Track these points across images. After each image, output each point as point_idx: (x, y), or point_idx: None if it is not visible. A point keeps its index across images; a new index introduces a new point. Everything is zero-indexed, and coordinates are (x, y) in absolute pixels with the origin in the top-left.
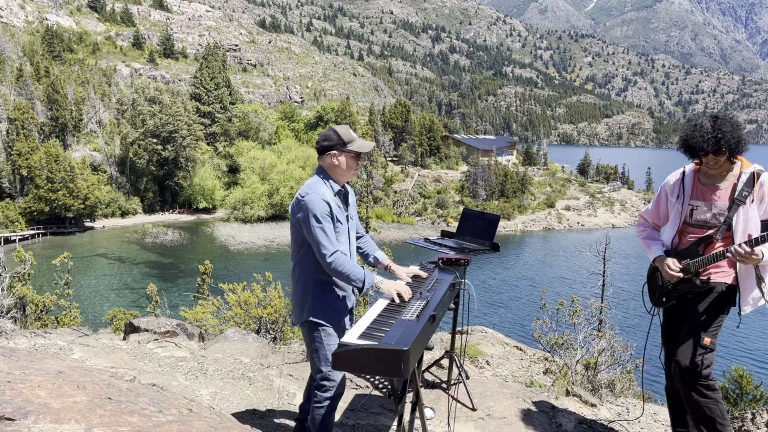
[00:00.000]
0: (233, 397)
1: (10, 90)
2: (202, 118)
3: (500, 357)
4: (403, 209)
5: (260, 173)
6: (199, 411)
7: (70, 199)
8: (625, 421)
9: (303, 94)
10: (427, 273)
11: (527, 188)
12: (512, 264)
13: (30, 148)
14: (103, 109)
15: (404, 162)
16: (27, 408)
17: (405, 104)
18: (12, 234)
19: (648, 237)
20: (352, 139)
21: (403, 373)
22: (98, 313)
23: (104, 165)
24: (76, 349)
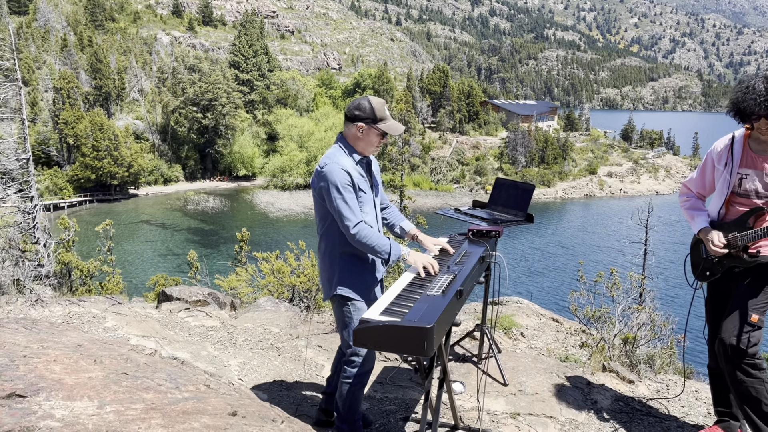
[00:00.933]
0: (261, 367)
1: (56, 59)
2: (241, 86)
3: (535, 329)
4: (440, 177)
5: (298, 141)
6: (217, 387)
7: (114, 166)
8: (665, 399)
9: (340, 61)
10: (456, 245)
11: (568, 154)
12: (551, 232)
13: (75, 117)
14: (144, 78)
15: (442, 128)
16: (39, 384)
17: (443, 69)
18: (61, 201)
19: (692, 207)
20: (384, 117)
21: (426, 351)
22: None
23: (146, 133)
24: (109, 318)
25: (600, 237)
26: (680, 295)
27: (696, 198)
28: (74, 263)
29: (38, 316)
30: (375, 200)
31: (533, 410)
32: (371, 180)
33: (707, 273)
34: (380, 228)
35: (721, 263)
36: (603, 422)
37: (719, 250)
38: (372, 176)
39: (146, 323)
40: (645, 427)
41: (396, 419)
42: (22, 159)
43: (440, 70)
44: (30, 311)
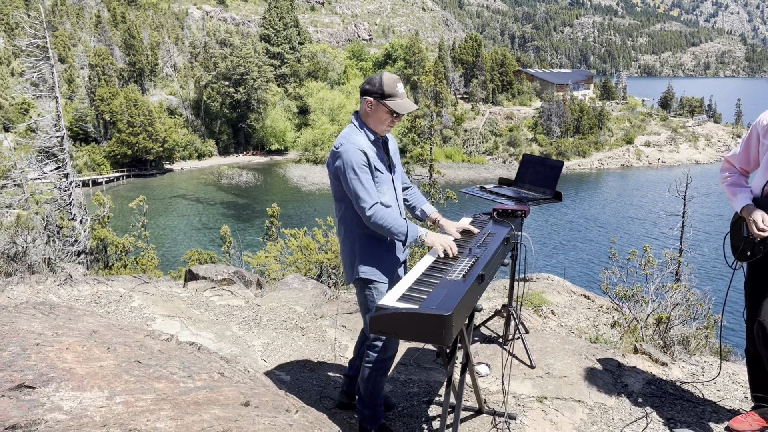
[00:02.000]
0: (285, 348)
1: (90, 36)
2: (272, 60)
3: (566, 306)
4: (473, 148)
5: (329, 114)
6: (231, 375)
7: (149, 142)
8: (699, 383)
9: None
10: (480, 225)
11: (604, 124)
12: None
13: (111, 93)
14: (177, 53)
15: (475, 99)
16: (50, 374)
17: (476, 38)
18: (99, 176)
19: (734, 184)
20: (393, 94)
21: (445, 339)
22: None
23: (180, 108)
24: (136, 297)
25: (636, 209)
26: (719, 269)
27: (739, 174)
28: (110, 239)
29: (67, 295)
30: (394, 180)
31: (561, 394)
32: (389, 159)
33: (748, 253)
34: (401, 208)
35: (763, 243)
36: (633, 406)
37: (762, 234)
38: (390, 156)
39: (172, 303)
40: (678, 412)
41: (419, 402)
42: (56, 136)
43: (472, 39)
44: (59, 290)
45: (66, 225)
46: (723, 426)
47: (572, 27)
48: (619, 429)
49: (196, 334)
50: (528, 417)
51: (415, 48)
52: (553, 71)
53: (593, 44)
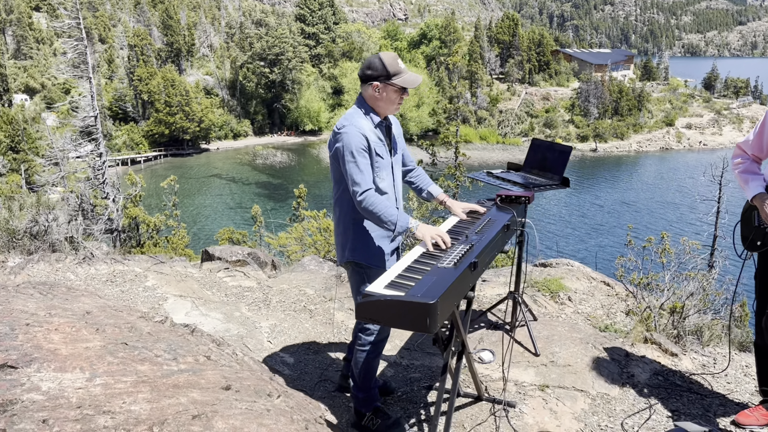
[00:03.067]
0: (291, 330)
1: (130, 17)
2: (307, 40)
3: (584, 293)
4: (508, 129)
5: None
6: (218, 358)
7: (186, 122)
8: (710, 374)
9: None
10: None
11: (644, 105)
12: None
13: (149, 73)
14: (213, 33)
15: (511, 79)
16: (33, 355)
17: (513, 18)
18: (137, 155)
19: (746, 171)
20: (398, 71)
21: (429, 328)
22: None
23: (216, 89)
24: (151, 277)
25: (673, 194)
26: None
27: (751, 161)
28: (141, 217)
29: (84, 274)
30: (394, 165)
31: (563, 383)
32: (390, 144)
33: (758, 243)
34: (398, 193)
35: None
36: (638, 397)
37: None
38: (392, 140)
39: (185, 283)
40: (683, 404)
41: (419, 387)
42: (90, 116)
43: (509, 18)
44: (77, 269)
45: (99, 203)
46: (729, 420)
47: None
48: (620, 420)
49: (205, 315)
50: (528, 405)
51: (450, 27)
52: (591, 51)
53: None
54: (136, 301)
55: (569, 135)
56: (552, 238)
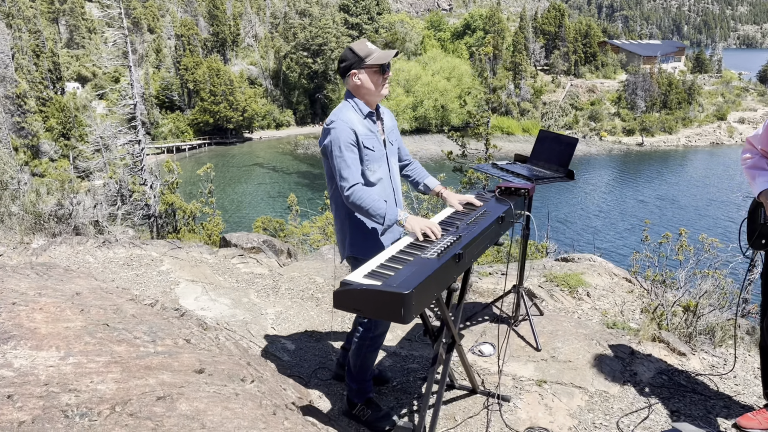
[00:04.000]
0: (296, 317)
1: (177, 7)
2: (350, 30)
3: (604, 289)
4: (552, 122)
5: (405, 85)
6: (198, 342)
7: (230, 111)
8: (717, 375)
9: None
10: (483, 202)
11: (694, 99)
12: (666, 183)
13: (195, 63)
14: (258, 24)
15: (555, 71)
16: (12, 333)
17: (559, 8)
18: (182, 143)
19: (754, 166)
20: (369, 53)
21: (404, 318)
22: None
23: (260, 78)
24: (166, 261)
25: (718, 190)
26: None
27: (760, 156)
28: (178, 204)
29: (102, 257)
30: (389, 157)
31: (562, 378)
32: (384, 135)
33: (762, 241)
34: (395, 184)
35: None
36: (638, 396)
37: None
38: (386, 132)
39: (198, 268)
40: (685, 405)
41: (415, 378)
42: (130, 104)
43: (556, 8)
44: (96, 252)
45: (137, 190)
46: (731, 422)
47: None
48: (616, 418)
49: (214, 300)
50: (523, 400)
51: (495, 18)
52: (641, 42)
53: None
54: (149, 285)
55: (614, 128)
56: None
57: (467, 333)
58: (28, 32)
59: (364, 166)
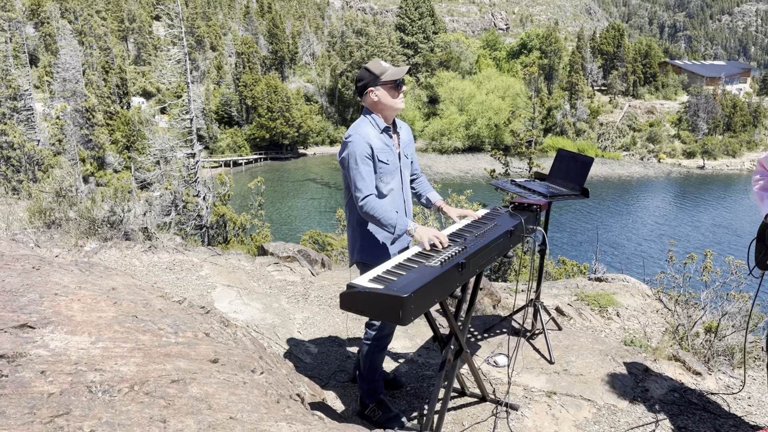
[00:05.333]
0: (322, 323)
1: (239, 26)
2: (405, 49)
3: (636, 309)
4: (608, 143)
5: (459, 104)
6: (216, 336)
7: (286, 127)
8: (730, 395)
9: (508, 21)
10: (492, 217)
11: (760, 121)
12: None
13: (254, 79)
14: (316, 42)
15: (613, 91)
16: (51, 319)
17: (618, 28)
18: (239, 158)
19: (763, 188)
20: (383, 70)
21: (402, 320)
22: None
23: (316, 96)
24: (206, 267)
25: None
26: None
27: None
28: (228, 216)
29: (148, 261)
30: (402, 170)
31: (571, 391)
32: (399, 149)
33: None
34: (406, 196)
35: None
36: (646, 412)
37: None
38: (401, 146)
39: (234, 274)
40: (694, 422)
41: (429, 385)
42: (186, 118)
43: (614, 28)
44: (142, 256)
45: (191, 201)
46: None
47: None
48: (622, 431)
49: (246, 304)
50: (531, 410)
51: (552, 37)
52: (704, 63)
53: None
54: (187, 288)
55: (674, 150)
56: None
57: (485, 344)
58: (98, 49)
59: (377, 178)
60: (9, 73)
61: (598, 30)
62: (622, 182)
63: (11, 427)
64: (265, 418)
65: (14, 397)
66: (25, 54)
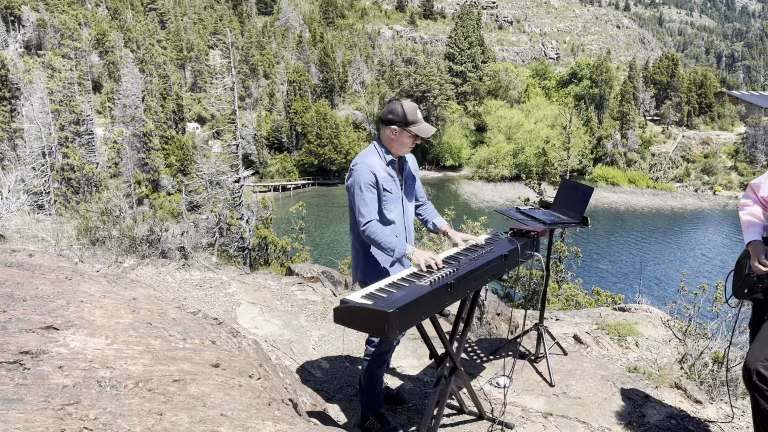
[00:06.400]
0: (337, 341)
1: (292, 55)
2: (454, 78)
3: (656, 340)
4: (661, 174)
5: (506, 132)
6: (221, 344)
7: (334, 153)
8: (728, 423)
9: (559, 50)
10: (491, 242)
11: None
12: None
13: (304, 107)
14: (366, 71)
15: (666, 122)
16: (74, 322)
17: (672, 57)
18: (288, 183)
19: (750, 214)
20: (415, 120)
21: (387, 333)
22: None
23: (364, 123)
24: (233, 284)
25: None
26: None
27: (758, 204)
28: (270, 238)
29: (180, 278)
30: (404, 198)
31: (567, 413)
32: (403, 179)
33: (745, 290)
34: (407, 223)
35: (762, 281)
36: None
37: (763, 269)
38: (405, 176)
39: (259, 292)
40: None
41: None
42: (232, 144)
43: (668, 58)
44: (175, 273)
45: (234, 223)
46: None
47: None
48: None
49: (267, 320)
50: (526, 429)
51: (602, 67)
52: (762, 93)
53: None
54: (214, 304)
55: (730, 183)
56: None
57: (489, 366)
58: (158, 77)
59: (381, 205)
60: (73, 99)
61: (651, 59)
62: (674, 214)
63: (27, 412)
64: (253, 417)
65: (33, 387)
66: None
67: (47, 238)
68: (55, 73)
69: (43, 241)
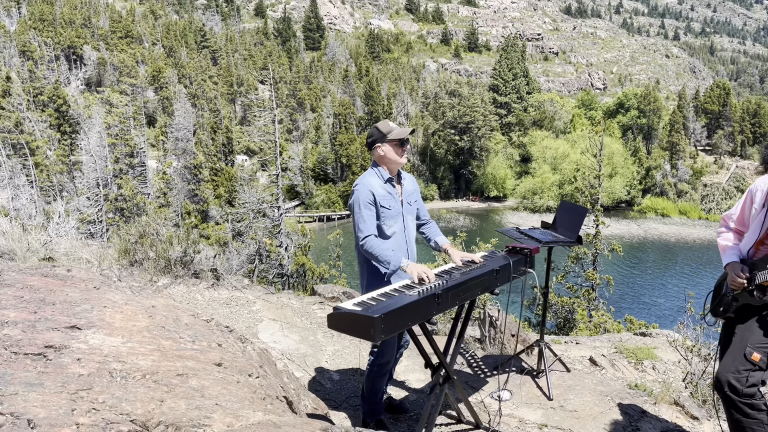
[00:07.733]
0: (350, 356)
1: (338, 88)
2: (498, 109)
3: (674, 364)
4: (713, 205)
5: (552, 163)
6: (227, 347)
7: None
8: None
9: (605, 80)
10: (489, 259)
11: None
12: None
13: (349, 139)
14: (410, 103)
15: (719, 152)
16: (96, 324)
17: (724, 86)
18: (332, 213)
19: (725, 239)
20: (390, 130)
21: (372, 337)
22: None
23: (408, 154)
24: (258, 303)
25: None
26: None
27: (732, 232)
28: (308, 265)
29: (209, 296)
30: (404, 214)
31: (562, 425)
32: (402, 197)
33: (721, 309)
34: (408, 238)
35: (736, 300)
36: None
37: (739, 280)
38: (404, 194)
39: (282, 310)
40: None
41: None
42: (273, 174)
43: (720, 87)
44: (204, 292)
45: (273, 250)
46: None
47: None
48: None
49: (286, 336)
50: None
51: (650, 97)
52: None
53: None
54: (238, 320)
55: None
56: None
57: (492, 380)
58: (209, 110)
59: (381, 221)
60: (128, 133)
61: (702, 88)
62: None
63: (45, 394)
64: (245, 407)
65: (53, 375)
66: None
67: (91, 260)
68: (113, 109)
69: (87, 262)
